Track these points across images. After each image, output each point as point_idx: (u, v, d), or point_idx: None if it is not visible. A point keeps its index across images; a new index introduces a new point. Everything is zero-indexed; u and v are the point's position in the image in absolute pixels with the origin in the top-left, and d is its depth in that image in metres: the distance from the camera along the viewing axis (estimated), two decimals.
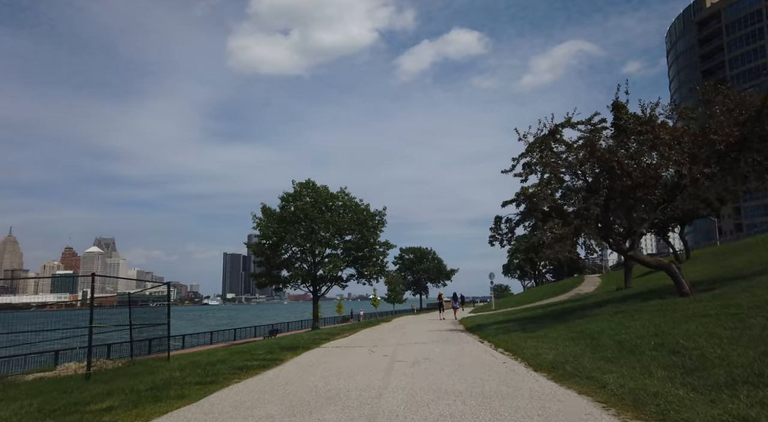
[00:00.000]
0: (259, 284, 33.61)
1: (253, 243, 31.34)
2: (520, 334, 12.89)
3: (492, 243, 17.91)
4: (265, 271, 32.75)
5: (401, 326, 23.74)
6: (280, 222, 30.69)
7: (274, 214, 31.54)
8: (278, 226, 30.41)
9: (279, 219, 31.13)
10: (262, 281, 33.00)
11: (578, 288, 54.07)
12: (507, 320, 19.23)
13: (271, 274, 32.57)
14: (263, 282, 33.14)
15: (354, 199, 33.82)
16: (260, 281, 33.14)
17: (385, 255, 34.64)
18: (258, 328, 44.68)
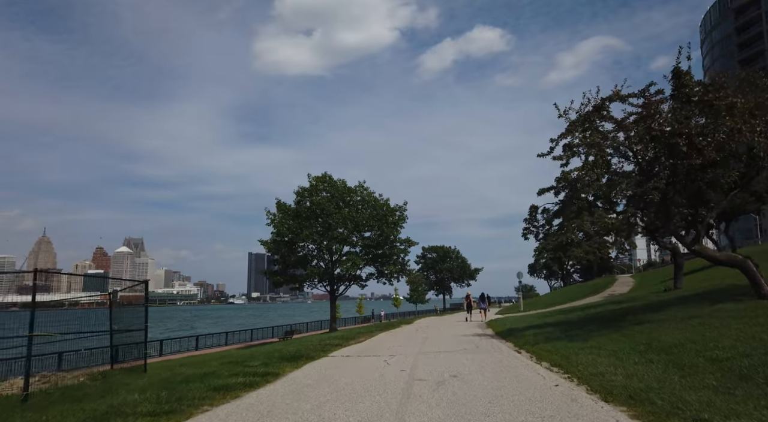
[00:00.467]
0: (275, 283, 32.07)
1: (268, 240, 29.85)
2: (565, 343, 10.77)
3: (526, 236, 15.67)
4: (281, 270, 31.21)
5: (423, 329, 21.76)
6: (296, 219, 29.05)
7: (289, 210, 29.98)
8: (293, 223, 28.81)
9: (294, 215, 29.52)
10: (278, 280, 31.48)
11: (611, 289, 51.01)
12: (543, 324, 17.03)
13: (287, 273, 31.01)
14: (279, 281, 31.60)
15: (373, 194, 32.02)
16: (276, 280, 31.61)
17: (406, 253, 32.74)
18: (277, 329, 43.42)
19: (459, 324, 24.54)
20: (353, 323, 55.08)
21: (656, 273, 61.31)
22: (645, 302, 17.59)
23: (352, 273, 31.53)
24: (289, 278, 31.14)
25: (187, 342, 30.81)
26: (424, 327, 23.79)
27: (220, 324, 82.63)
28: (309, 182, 31.11)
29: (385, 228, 30.09)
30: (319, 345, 14.03)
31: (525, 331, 15.03)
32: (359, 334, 19.58)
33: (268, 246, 29.87)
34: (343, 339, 16.81)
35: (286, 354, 11.33)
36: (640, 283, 51.24)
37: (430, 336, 16.79)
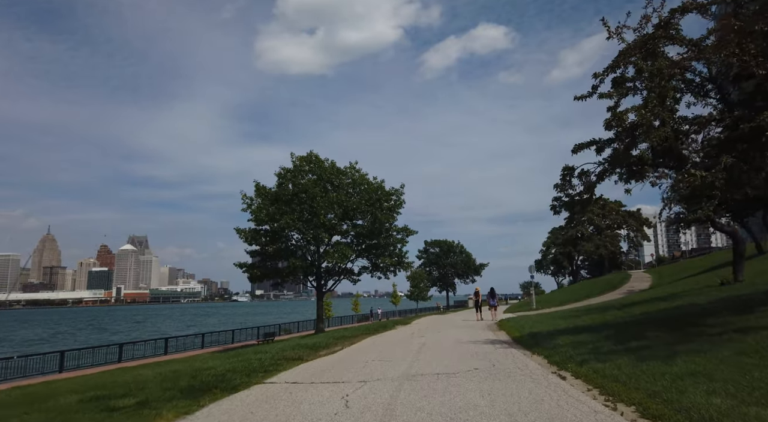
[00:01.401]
0: (252, 278, 28.24)
1: (246, 229, 25.95)
2: (634, 363, 6.84)
3: (556, 209, 11.51)
4: (259, 263, 27.31)
5: (422, 332, 17.85)
6: (275, 203, 25.15)
7: (268, 194, 26.14)
8: (273, 208, 24.92)
9: (274, 199, 25.65)
10: (255, 274, 27.78)
11: (628, 285, 47.00)
12: (575, 328, 13.04)
13: (266, 266, 27.09)
14: (256, 276, 27.75)
15: (366, 176, 28.05)
16: (253, 274, 27.96)
17: (403, 244, 28.77)
18: (264, 328, 39.68)
19: (465, 326, 20.64)
20: (350, 322, 51.23)
21: (675, 268, 57.15)
22: (710, 298, 13.53)
23: (341, 266, 27.61)
24: (270, 272, 27.21)
25: (154, 346, 27.00)
26: (423, 328, 19.88)
27: (212, 323, 79.14)
28: (292, 162, 27.17)
29: (379, 214, 26.09)
30: (274, 358, 10.14)
31: (555, 338, 11.08)
32: (341, 339, 15.69)
33: (245, 235, 25.96)
34: (316, 346, 12.95)
35: (203, 378, 7.42)
36: (660, 278, 47.22)
37: (428, 344, 12.86)
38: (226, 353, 17.69)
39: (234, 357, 11.30)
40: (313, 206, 25.09)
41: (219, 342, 32.79)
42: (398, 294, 44.74)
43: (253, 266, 27.02)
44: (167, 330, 61.53)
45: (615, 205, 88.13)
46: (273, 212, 25.03)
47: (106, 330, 61.17)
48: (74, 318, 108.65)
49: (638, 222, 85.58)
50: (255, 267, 27.01)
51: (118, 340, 38.81)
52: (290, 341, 19.54)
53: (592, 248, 78.51)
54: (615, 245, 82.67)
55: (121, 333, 54.86)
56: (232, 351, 21.22)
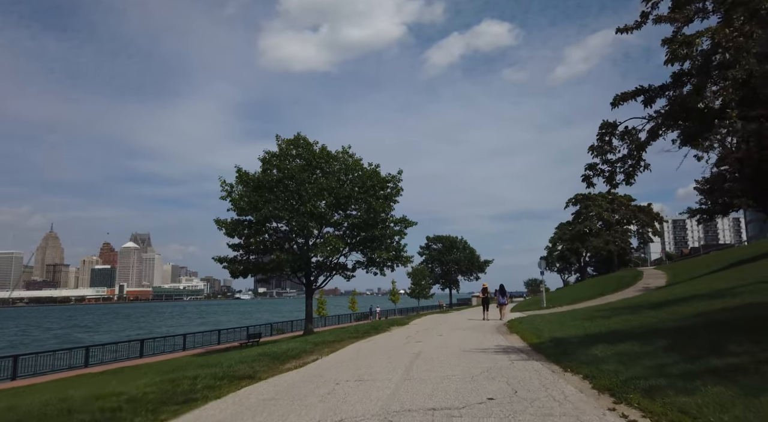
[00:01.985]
0: (233, 273, 25.69)
1: (227, 220, 23.29)
2: (741, 396, 4.24)
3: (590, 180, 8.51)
4: (241, 257, 24.72)
5: (419, 336, 15.26)
6: (258, 190, 22.54)
7: (250, 180, 23.60)
8: (256, 196, 22.31)
9: (256, 185, 23.06)
10: (236, 269, 24.60)
11: (643, 282, 44.25)
12: (613, 333, 10.37)
13: (249, 261, 24.44)
14: (238, 271, 25.07)
15: (360, 161, 25.41)
16: (234, 269, 24.41)
17: (402, 236, 26.13)
18: (259, 327, 37.27)
19: (470, 327, 18.03)
20: (348, 321, 48.69)
21: (688, 265, 54.31)
22: (762, 299, 10.84)
23: (333, 261, 25.01)
24: (254, 267, 24.58)
25: (127, 349, 24.50)
26: (422, 330, 17.27)
27: (205, 322, 76.84)
28: (278, 145, 24.52)
29: (374, 203, 23.46)
30: (217, 376, 7.54)
31: (588, 347, 8.45)
32: (322, 344, 13.12)
33: (225, 226, 23.35)
34: (286, 355, 10.38)
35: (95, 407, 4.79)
36: (675, 276, 44.50)
37: (424, 353, 10.24)
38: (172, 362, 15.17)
39: (171, 372, 8.71)
40: (301, 193, 22.47)
41: (204, 343, 30.35)
42: (397, 291, 42.13)
43: (234, 261, 24.40)
44: (158, 328, 59.20)
45: (625, 199, 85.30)
46: (255, 200, 22.42)
47: (92, 330, 58.81)
48: (62, 317, 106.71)
49: (649, 218, 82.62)
50: (236, 261, 24.38)
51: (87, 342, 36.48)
52: (269, 345, 16.99)
53: (601, 244, 75.62)
54: (625, 241, 79.81)
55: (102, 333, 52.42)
56: (201, 358, 18.69)
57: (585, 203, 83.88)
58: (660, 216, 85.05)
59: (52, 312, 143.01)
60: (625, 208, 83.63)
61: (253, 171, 24.30)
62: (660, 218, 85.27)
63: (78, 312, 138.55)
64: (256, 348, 16.23)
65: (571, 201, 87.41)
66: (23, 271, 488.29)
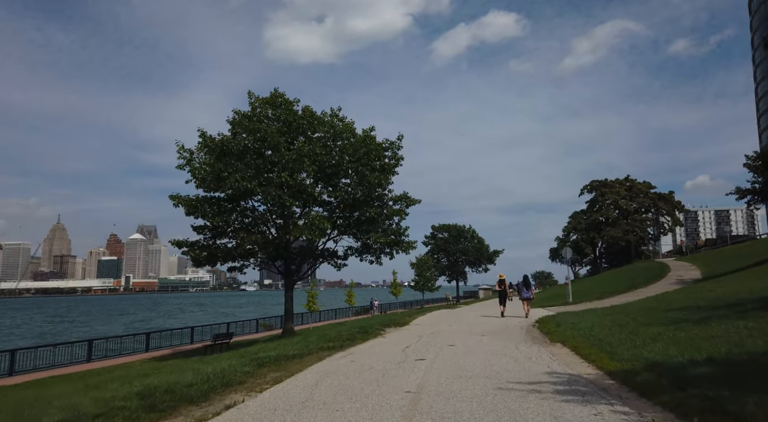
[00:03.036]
0: (196, 261, 20.29)
1: (185, 196, 18.76)
2: None
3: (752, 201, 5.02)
4: (207, 241, 20.29)
5: (421, 348, 10.83)
6: (223, 158, 18.05)
7: (214, 145, 19.36)
8: (220, 164, 17.81)
9: (221, 151, 18.66)
10: (199, 255, 19.52)
11: (675, 274, 39.59)
12: (752, 355, 5.87)
13: (216, 246, 19.94)
14: (200, 258, 19.63)
15: (351, 125, 20.86)
16: (196, 256, 19.53)
17: (402, 216, 21.60)
18: (243, 324, 33.10)
19: (490, 330, 13.57)
20: (346, 315, 44.37)
21: (719, 255, 49.44)
22: None
23: (318, 245, 20.61)
24: (221, 253, 20.13)
25: (69, 352, 20.28)
26: (425, 337, 12.81)
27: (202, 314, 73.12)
28: (250, 104, 20.01)
29: (368, 174, 18.94)
30: None
31: (740, 391, 4.03)
32: (270, 363, 8.71)
33: (184, 204, 18.82)
34: (194, 389, 6.02)
35: None
36: (709, 268, 39.76)
37: (429, 392, 5.77)
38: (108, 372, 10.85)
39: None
40: (276, 161, 17.97)
41: (175, 342, 26.18)
42: (399, 284, 37.70)
43: (195, 245, 19.87)
44: (147, 323, 55.33)
45: (644, 186, 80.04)
46: (219, 169, 17.93)
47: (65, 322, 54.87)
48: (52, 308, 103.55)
49: (670, 206, 77.38)
50: (199, 247, 19.85)
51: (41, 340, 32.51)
52: (204, 362, 12.65)
53: (619, 233, 70.45)
54: (644, 231, 74.65)
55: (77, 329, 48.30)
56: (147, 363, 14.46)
57: (601, 190, 78.73)
58: (681, 205, 79.79)
59: (47, 303, 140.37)
60: (643, 195, 78.40)
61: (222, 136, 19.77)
62: (681, 207, 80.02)
63: (77, 304, 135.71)
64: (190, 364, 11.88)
65: (586, 188, 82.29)
66: (30, 262, 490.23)
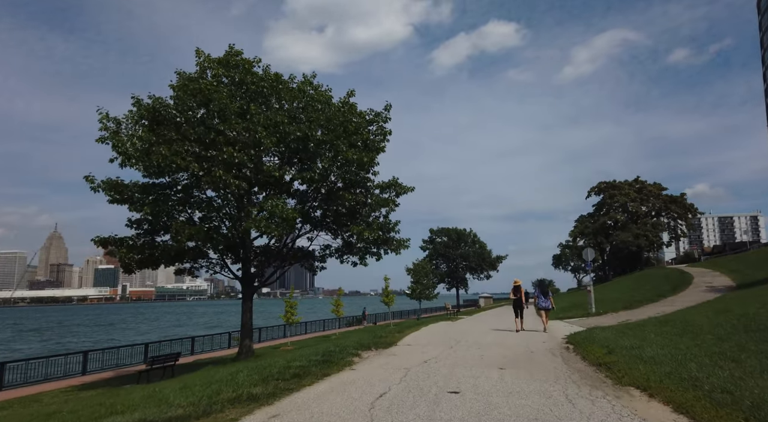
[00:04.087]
0: (125, 264, 15.27)
1: (111, 179, 14.45)
2: None
3: None
4: (137, 238, 15.94)
5: (401, 390, 6.54)
6: (158, 128, 13.74)
7: (146, 111, 14.46)
8: (152, 135, 13.53)
9: (152, 119, 14.46)
10: (129, 259, 14.91)
11: (702, 280, 35.25)
12: None
13: (155, 244, 15.48)
14: (131, 261, 14.99)
15: (328, 93, 16.65)
16: (126, 257, 14.87)
17: (391, 207, 17.31)
18: (213, 338, 28.61)
19: (509, 357, 9.29)
20: (335, 326, 39.90)
21: (742, 260, 45.19)
22: None
23: (286, 243, 16.32)
24: (161, 252, 15.65)
25: None
26: (416, 370, 8.54)
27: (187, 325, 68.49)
28: (198, 65, 15.79)
29: (345, 149, 14.69)
30: None
31: None
32: None
33: (106, 187, 14.41)
34: None
35: None
36: (739, 273, 35.49)
37: None
38: None
39: None
40: (222, 131, 13.75)
41: (124, 361, 21.79)
42: (391, 292, 33.37)
43: (123, 243, 15.38)
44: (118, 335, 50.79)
45: (655, 187, 75.78)
46: (149, 141, 13.66)
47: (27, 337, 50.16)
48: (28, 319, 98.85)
49: (682, 209, 73.11)
50: (128, 245, 15.34)
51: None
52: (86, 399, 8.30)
53: (629, 238, 65.99)
54: (656, 235, 70.20)
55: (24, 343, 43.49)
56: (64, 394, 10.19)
57: (610, 192, 74.41)
58: (695, 209, 75.52)
59: (32, 313, 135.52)
60: (655, 198, 74.15)
61: None
62: (694, 210, 75.75)
63: (61, 313, 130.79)
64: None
65: (593, 190, 77.94)
66: (27, 271, 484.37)
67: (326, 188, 16.70)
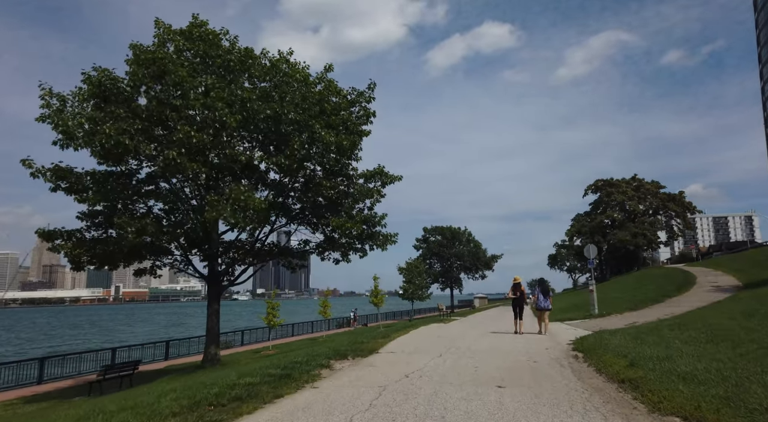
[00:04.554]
0: (73, 260, 13.42)
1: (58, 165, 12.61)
2: None
3: None
4: (89, 229, 14.17)
5: (370, 418, 4.81)
6: (106, 104, 12.01)
7: (92, 86, 12.58)
8: (101, 113, 11.81)
9: (99, 95, 12.35)
10: (78, 254, 13.03)
11: (704, 280, 33.75)
12: None
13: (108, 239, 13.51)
14: (78, 257, 13.20)
15: (304, 70, 14.91)
16: (69, 251, 12.95)
17: (375, 198, 15.58)
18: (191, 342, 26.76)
19: (506, 366, 7.59)
20: (323, 328, 38.04)
21: (742, 259, 43.82)
22: None
23: (251, 233, 14.60)
24: (113, 248, 13.70)
25: None
26: (393, 388, 6.83)
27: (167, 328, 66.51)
28: (156, 36, 14.04)
29: (320, 131, 12.92)
30: None
31: None
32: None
33: (52, 174, 12.62)
34: None
35: None
36: (743, 273, 34.04)
37: None
38: None
39: None
40: (179, 107, 11.99)
41: (87, 367, 19.92)
42: (380, 292, 31.65)
43: (71, 237, 13.50)
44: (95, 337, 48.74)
45: (652, 185, 74.38)
46: (95, 119, 11.87)
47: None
48: None
49: (680, 208, 71.80)
50: (76, 239, 13.43)
51: None
52: None
53: (627, 237, 64.50)
54: (654, 233, 68.79)
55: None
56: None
57: (607, 190, 72.95)
58: (693, 207, 74.17)
59: (16, 314, 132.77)
60: (652, 196, 72.76)
61: None
62: (693, 208, 74.40)
63: (45, 315, 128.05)
64: None
65: (590, 188, 76.45)
66: (19, 272, 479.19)
67: (304, 177, 14.97)
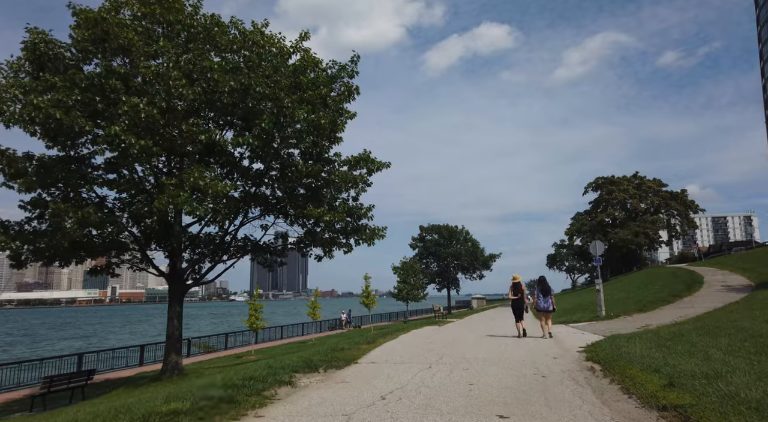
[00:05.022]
0: (13, 256, 12.10)
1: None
2: None
3: None
4: (29, 222, 12.20)
5: None
6: (39, 74, 10.34)
7: (27, 52, 10.72)
8: (36, 84, 10.20)
9: (34, 62, 10.68)
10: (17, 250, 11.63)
11: (712, 279, 32.03)
12: None
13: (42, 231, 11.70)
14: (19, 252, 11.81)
15: (281, 41, 13.25)
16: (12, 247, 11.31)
17: (359, 186, 13.90)
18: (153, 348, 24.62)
19: (509, 385, 5.91)
20: (314, 331, 36.31)
21: (747, 258, 42.32)
22: None
23: (220, 225, 12.93)
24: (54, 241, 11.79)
25: None
26: (363, 415, 5.10)
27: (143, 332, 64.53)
28: (107, 1, 12.35)
29: (291, 106, 11.19)
30: None
31: None
32: None
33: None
34: None
35: None
36: (751, 270, 32.42)
37: None
38: None
39: None
40: (125, 75, 10.30)
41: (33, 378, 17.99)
42: (372, 292, 29.89)
43: (6, 229, 11.72)
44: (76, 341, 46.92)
45: (654, 183, 72.87)
46: (26, 89, 10.17)
47: None
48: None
49: (683, 206, 70.26)
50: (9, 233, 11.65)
51: None
52: None
53: (629, 235, 62.88)
54: (656, 232, 67.19)
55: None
56: None
57: (608, 188, 71.37)
58: (695, 205, 72.62)
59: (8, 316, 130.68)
60: (654, 194, 71.23)
61: None
62: (695, 207, 72.85)
63: (37, 316, 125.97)
64: None
65: (591, 186, 74.89)
66: (15, 273, 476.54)
67: (280, 162, 13.25)
